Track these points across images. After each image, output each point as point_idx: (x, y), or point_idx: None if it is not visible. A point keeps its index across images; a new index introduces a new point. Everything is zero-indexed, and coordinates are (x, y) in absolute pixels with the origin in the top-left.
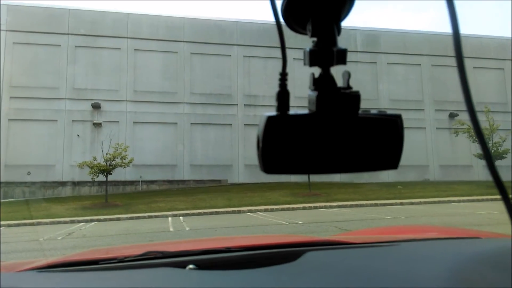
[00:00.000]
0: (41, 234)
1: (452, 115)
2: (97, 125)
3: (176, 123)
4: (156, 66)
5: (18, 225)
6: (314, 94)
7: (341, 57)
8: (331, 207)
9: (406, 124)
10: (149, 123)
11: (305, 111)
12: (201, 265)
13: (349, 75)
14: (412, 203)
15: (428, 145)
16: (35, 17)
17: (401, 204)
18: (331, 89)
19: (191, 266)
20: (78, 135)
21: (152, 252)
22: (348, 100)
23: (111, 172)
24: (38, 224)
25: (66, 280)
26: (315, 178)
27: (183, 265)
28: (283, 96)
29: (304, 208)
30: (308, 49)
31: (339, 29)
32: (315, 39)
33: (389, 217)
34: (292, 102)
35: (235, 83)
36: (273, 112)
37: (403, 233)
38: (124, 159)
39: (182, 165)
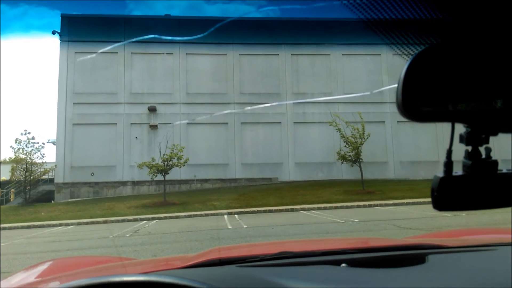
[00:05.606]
0: (110, 231)
1: None
2: (153, 127)
3: (227, 123)
4: (206, 69)
5: (87, 223)
6: (468, 162)
7: (485, 140)
8: (386, 205)
9: None
10: (201, 123)
11: (461, 172)
12: (350, 264)
13: (490, 150)
14: None
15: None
16: (93, 27)
17: None
18: (479, 160)
19: (344, 264)
20: (136, 137)
21: (286, 252)
22: (489, 165)
23: (169, 172)
24: (105, 222)
25: (253, 273)
26: (368, 175)
27: (336, 263)
28: (448, 164)
29: (358, 206)
30: (464, 134)
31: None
32: (469, 129)
33: (449, 215)
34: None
35: (283, 81)
36: (441, 174)
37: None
38: (180, 159)
39: (234, 164)
